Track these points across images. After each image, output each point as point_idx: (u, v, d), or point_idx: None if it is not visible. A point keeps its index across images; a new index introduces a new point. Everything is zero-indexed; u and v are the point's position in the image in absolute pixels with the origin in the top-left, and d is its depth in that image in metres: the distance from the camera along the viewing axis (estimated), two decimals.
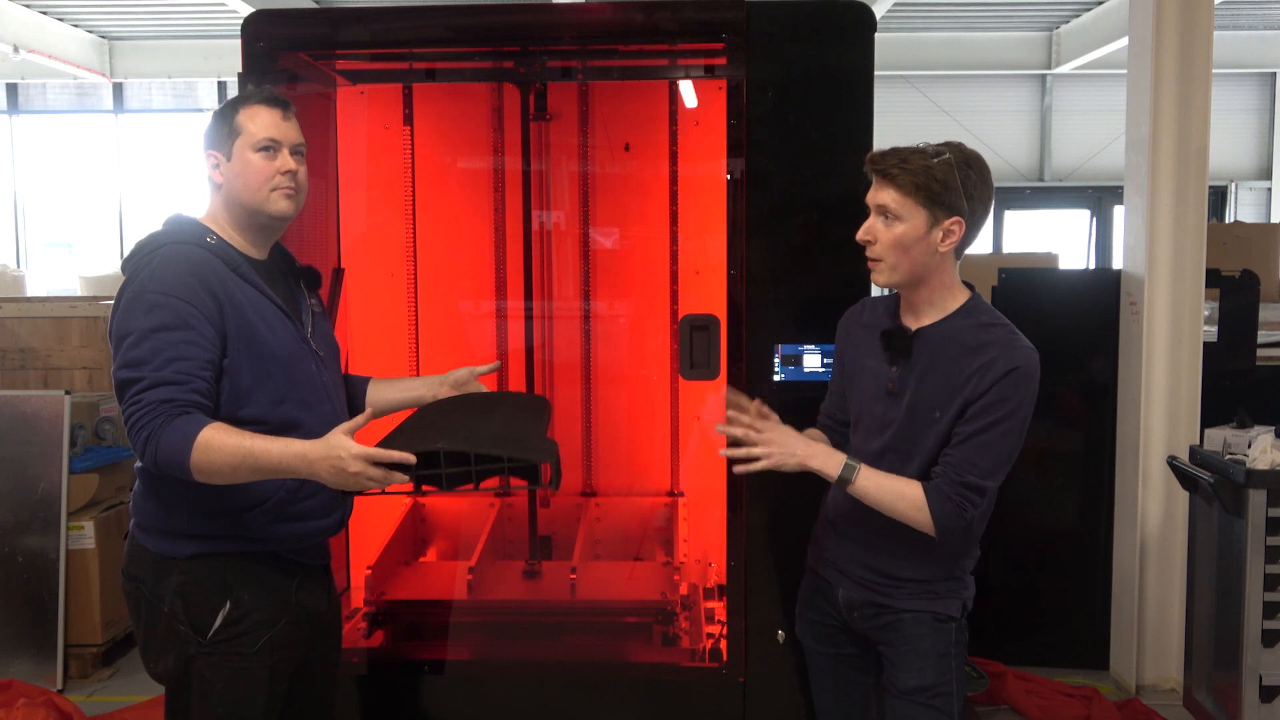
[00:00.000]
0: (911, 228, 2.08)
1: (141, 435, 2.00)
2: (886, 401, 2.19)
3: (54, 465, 4.14)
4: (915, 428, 2.15)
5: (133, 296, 2.08)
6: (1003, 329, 2.14)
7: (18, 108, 13.05)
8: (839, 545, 2.31)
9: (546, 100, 4.08)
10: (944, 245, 2.10)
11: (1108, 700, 3.84)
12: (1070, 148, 12.86)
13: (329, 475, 1.97)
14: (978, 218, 2.12)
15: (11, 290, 8.82)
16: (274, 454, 1.98)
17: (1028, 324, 2.15)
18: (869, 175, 2.15)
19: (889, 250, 2.12)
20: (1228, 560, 3.28)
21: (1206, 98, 3.93)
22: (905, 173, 2.07)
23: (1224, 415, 3.51)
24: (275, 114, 2.22)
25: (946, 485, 2.09)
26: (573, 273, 4.24)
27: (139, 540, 2.21)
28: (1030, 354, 2.10)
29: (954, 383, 2.11)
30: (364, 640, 3.52)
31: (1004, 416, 2.07)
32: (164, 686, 2.24)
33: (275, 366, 2.17)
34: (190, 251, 2.14)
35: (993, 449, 2.08)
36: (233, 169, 2.20)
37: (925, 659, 2.20)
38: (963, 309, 2.17)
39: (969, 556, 2.25)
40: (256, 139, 2.19)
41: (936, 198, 2.06)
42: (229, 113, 2.22)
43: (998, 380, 2.06)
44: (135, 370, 2.02)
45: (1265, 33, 12.08)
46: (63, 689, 4.09)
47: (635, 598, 3.72)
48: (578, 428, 4.29)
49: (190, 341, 2.05)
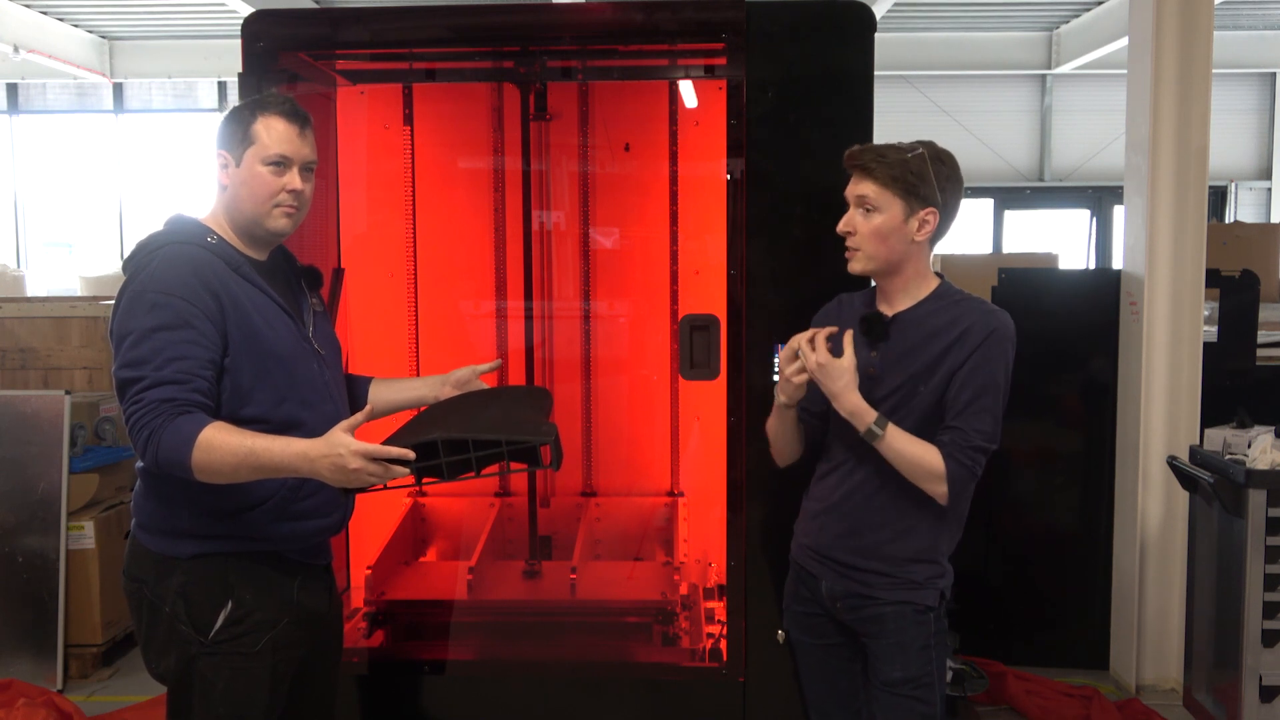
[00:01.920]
0: (889, 218, 2.21)
1: (142, 435, 2.00)
2: (867, 386, 2.27)
3: (54, 465, 4.14)
4: (893, 410, 2.24)
5: (134, 296, 2.08)
6: (973, 300, 2.27)
7: (18, 108, 13.05)
8: (822, 534, 2.37)
9: (546, 100, 4.07)
10: (919, 235, 2.23)
11: (1108, 700, 3.84)
12: (1070, 148, 12.86)
13: (330, 473, 1.97)
14: (950, 209, 2.25)
15: (11, 290, 8.82)
16: (275, 453, 1.98)
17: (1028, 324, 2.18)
18: (848, 171, 2.28)
19: (868, 240, 2.24)
20: (1228, 560, 3.28)
21: (1206, 98, 3.93)
22: (882, 165, 2.20)
23: (1224, 415, 3.50)
24: (292, 129, 2.20)
25: (958, 450, 2.19)
26: (573, 273, 4.24)
27: (140, 540, 2.21)
28: (1004, 316, 2.23)
29: (934, 356, 2.22)
30: (364, 640, 3.51)
31: (991, 379, 2.19)
32: (165, 686, 2.23)
33: (277, 365, 2.18)
34: (191, 251, 2.14)
35: (990, 412, 2.20)
36: (239, 176, 2.19)
37: (908, 652, 2.28)
38: (934, 293, 2.29)
39: (950, 541, 2.32)
40: (268, 153, 2.18)
41: (912, 189, 2.19)
42: (247, 116, 2.20)
43: (979, 345, 2.19)
44: (136, 369, 2.02)
45: (1265, 33, 12.08)
46: (63, 689, 4.09)
47: (635, 598, 3.72)
48: (578, 428, 4.29)
49: (191, 341, 2.05)
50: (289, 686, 2.26)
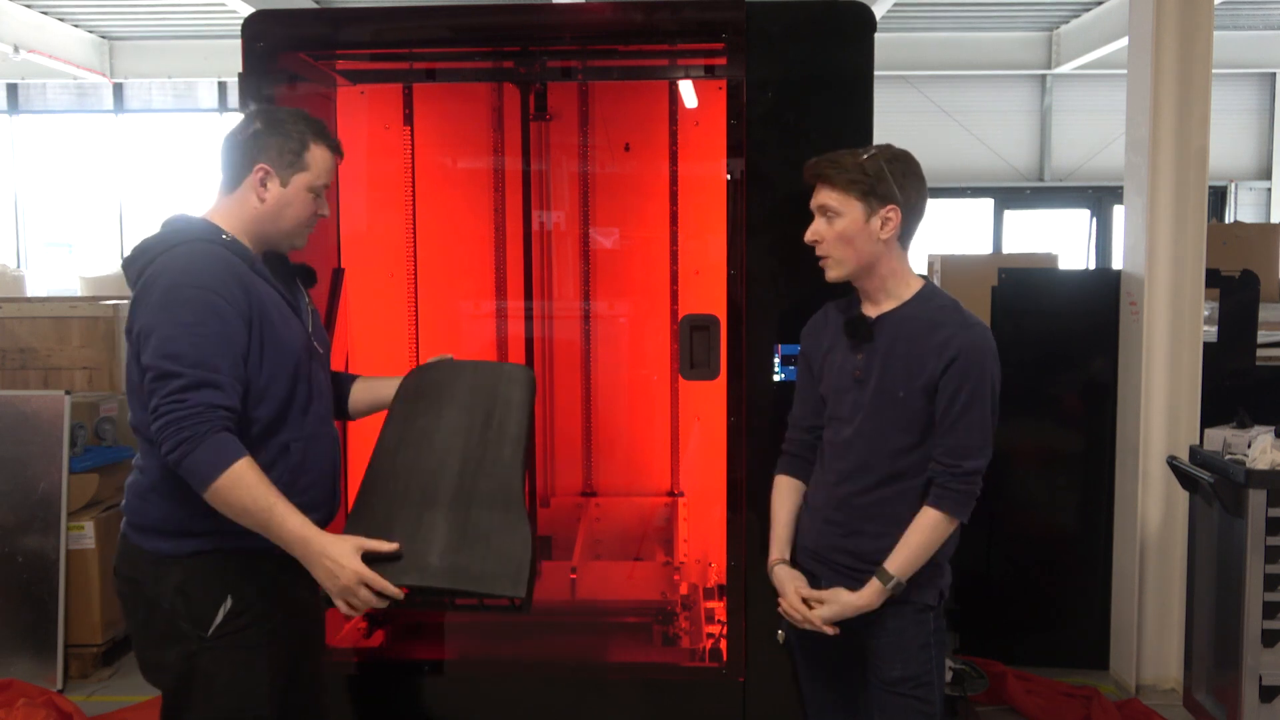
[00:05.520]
0: (851, 220, 2.26)
1: (180, 435, 2.01)
2: (855, 390, 2.31)
3: (54, 465, 4.14)
4: (881, 410, 2.27)
5: (167, 289, 2.08)
6: (953, 309, 2.30)
7: (18, 108, 13.04)
8: (821, 534, 2.38)
9: (546, 100, 4.08)
10: (884, 233, 2.27)
11: (1108, 700, 3.84)
12: (1070, 148, 12.85)
13: (322, 575, 2.06)
14: (913, 206, 2.29)
15: (11, 290, 8.81)
16: (287, 527, 2.05)
17: (1028, 324, 2.18)
18: (809, 183, 2.32)
19: (834, 245, 2.29)
20: (1228, 560, 3.28)
21: (1206, 98, 3.93)
22: (838, 170, 2.26)
23: (1224, 415, 3.50)
24: (335, 161, 2.30)
25: (950, 482, 2.23)
26: (573, 273, 4.24)
27: (133, 541, 2.21)
28: (982, 329, 2.27)
29: (914, 361, 2.25)
30: (363, 640, 3.52)
31: (975, 392, 2.22)
32: (160, 687, 2.25)
33: (288, 363, 2.21)
34: (216, 249, 2.16)
35: (977, 425, 2.23)
36: (285, 197, 2.23)
37: (907, 650, 2.30)
38: (918, 296, 2.32)
39: (949, 543, 2.33)
40: (317, 183, 2.26)
41: (870, 189, 2.24)
42: (296, 140, 2.22)
43: (954, 360, 2.21)
44: (175, 363, 2.03)
45: (1265, 33, 12.07)
46: (63, 689, 4.09)
47: (635, 598, 3.73)
48: (578, 427, 4.29)
49: (228, 338, 2.08)
50: (286, 678, 2.28)
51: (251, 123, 2.24)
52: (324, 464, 2.30)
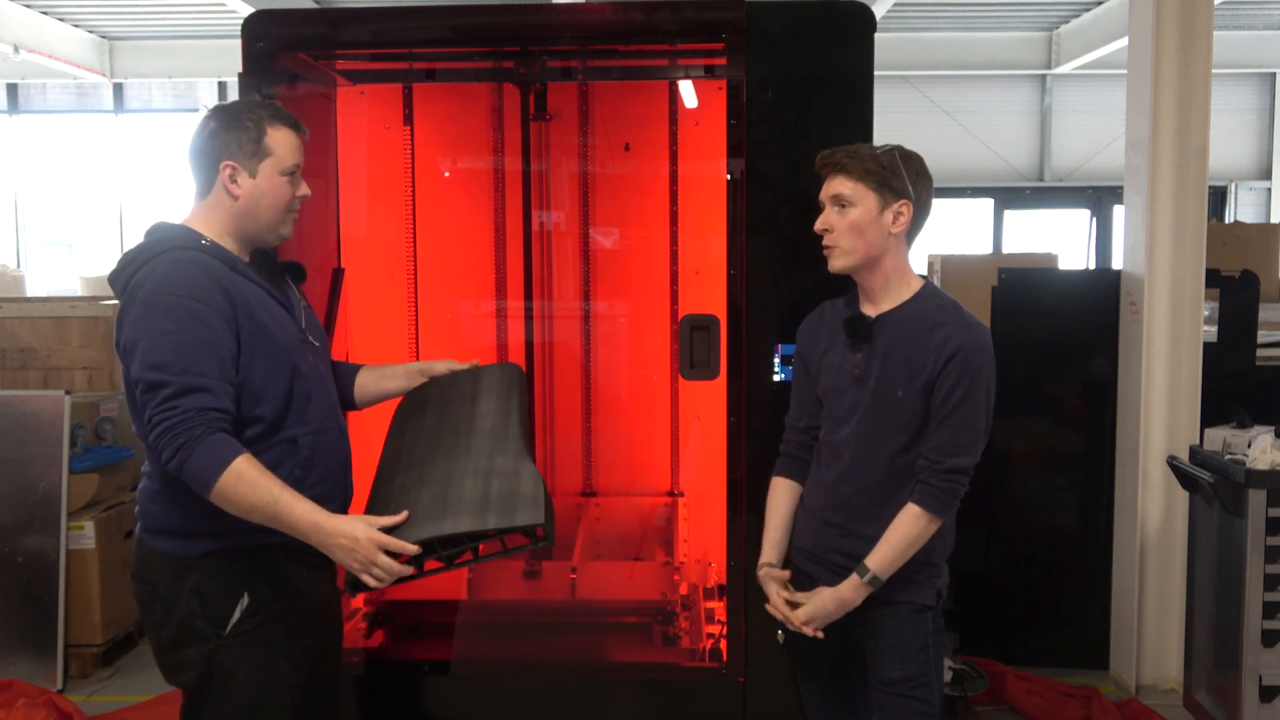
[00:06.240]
0: (865, 211, 2.26)
1: (175, 441, 2.02)
2: (854, 389, 2.31)
3: (54, 465, 4.14)
4: (879, 409, 2.27)
5: (147, 300, 2.09)
6: (953, 309, 2.29)
7: (18, 108, 13.04)
8: (818, 535, 2.38)
9: (546, 100, 4.08)
10: (895, 227, 2.27)
11: (1108, 700, 3.84)
12: (1070, 148, 12.85)
13: (340, 553, 2.05)
14: (923, 205, 2.30)
15: (11, 290, 8.81)
16: (296, 513, 2.04)
17: (1028, 324, 2.18)
18: (821, 174, 2.33)
19: (845, 235, 2.28)
20: (1228, 560, 3.29)
21: (1206, 98, 3.93)
22: (855, 161, 2.26)
23: (1224, 415, 3.51)
24: (299, 139, 2.26)
25: (933, 479, 2.23)
26: (573, 273, 4.24)
27: (148, 543, 2.23)
28: (981, 329, 2.27)
29: (914, 361, 2.25)
30: (364, 640, 3.52)
31: (969, 392, 2.21)
32: (181, 687, 2.25)
33: (284, 360, 2.21)
34: (193, 255, 2.15)
35: (969, 425, 2.22)
36: (258, 188, 2.21)
37: (906, 651, 2.30)
38: (918, 295, 2.32)
39: (944, 543, 2.34)
40: (285, 165, 2.23)
41: (885, 182, 2.25)
42: (253, 129, 2.20)
43: (953, 357, 2.21)
44: (161, 373, 2.03)
45: (1265, 33, 12.07)
46: (63, 689, 4.09)
47: (635, 598, 3.73)
48: (578, 427, 4.29)
49: (211, 342, 2.07)
50: (304, 676, 2.29)
51: (208, 123, 2.23)
52: (334, 456, 2.31)
